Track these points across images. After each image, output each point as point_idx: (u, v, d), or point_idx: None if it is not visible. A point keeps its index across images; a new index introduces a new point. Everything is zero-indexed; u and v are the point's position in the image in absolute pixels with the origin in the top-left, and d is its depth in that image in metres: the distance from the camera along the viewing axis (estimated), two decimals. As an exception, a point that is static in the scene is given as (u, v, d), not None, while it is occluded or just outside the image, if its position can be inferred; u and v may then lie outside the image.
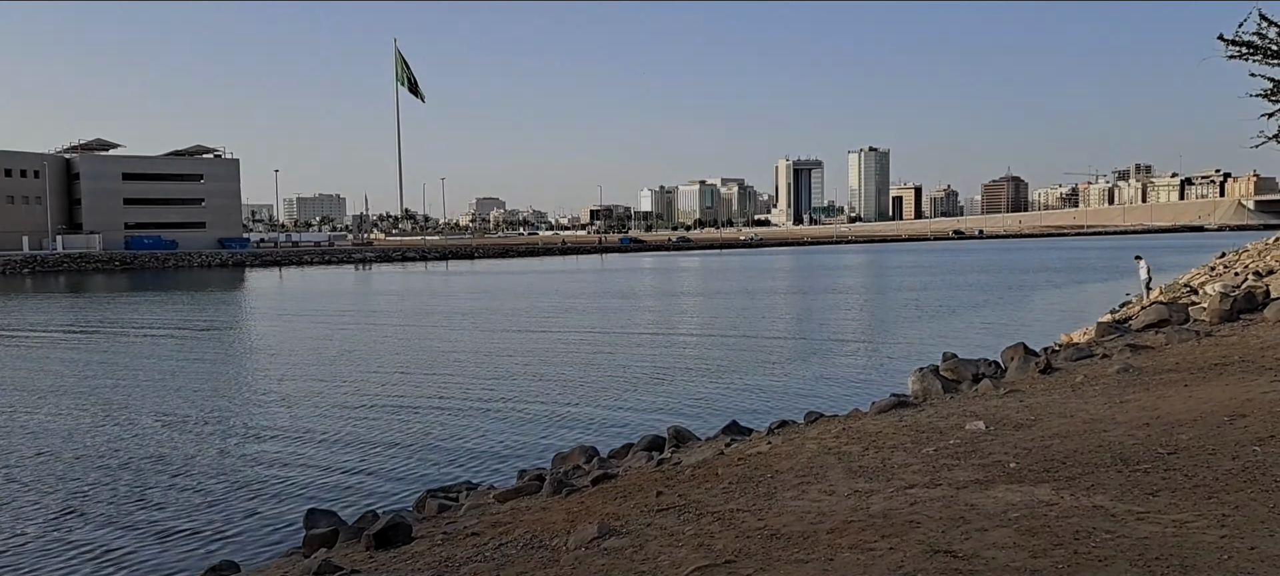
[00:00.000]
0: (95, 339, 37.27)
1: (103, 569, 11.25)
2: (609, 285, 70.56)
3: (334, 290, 70.35)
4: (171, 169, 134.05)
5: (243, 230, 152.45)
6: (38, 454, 17.12)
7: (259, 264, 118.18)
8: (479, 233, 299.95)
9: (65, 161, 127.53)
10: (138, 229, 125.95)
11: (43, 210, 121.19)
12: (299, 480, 15.18)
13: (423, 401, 21.90)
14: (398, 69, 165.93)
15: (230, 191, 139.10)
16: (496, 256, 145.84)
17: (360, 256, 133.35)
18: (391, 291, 69.48)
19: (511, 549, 7.69)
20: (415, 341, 34.99)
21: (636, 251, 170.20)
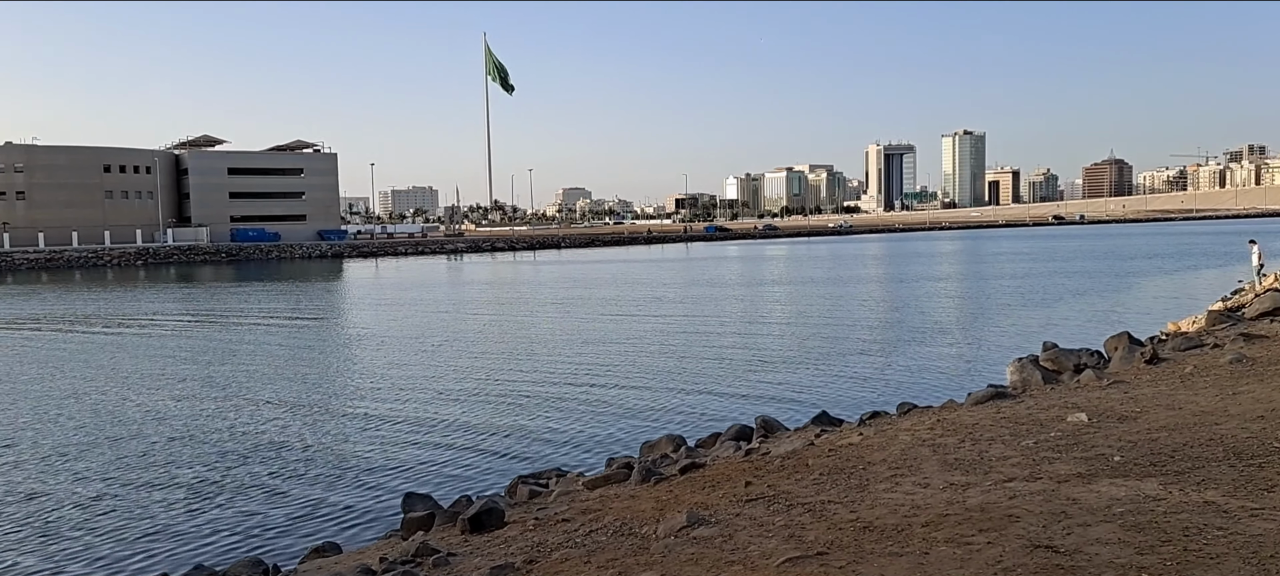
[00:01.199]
0: (206, 328, 38.88)
1: (213, 546, 11.75)
2: (694, 274, 70.47)
3: (427, 280, 71.93)
4: (274, 164, 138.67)
5: (341, 222, 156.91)
6: (156, 437, 17.96)
7: (356, 255, 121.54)
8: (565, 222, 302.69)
9: (174, 158, 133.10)
10: (242, 222, 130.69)
11: (154, 204, 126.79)
12: (396, 464, 15.61)
13: (513, 388, 22.25)
14: (488, 63, 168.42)
15: (329, 185, 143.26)
16: (582, 246, 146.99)
17: (452, 247, 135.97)
18: (482, 281, 70.72)
19: (602, 536, 7.76)
20: (505, 330, 35.55)
21: (722, 240, 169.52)
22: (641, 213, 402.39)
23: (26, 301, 55.81)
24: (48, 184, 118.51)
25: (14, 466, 15.89)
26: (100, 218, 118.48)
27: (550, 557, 7.24)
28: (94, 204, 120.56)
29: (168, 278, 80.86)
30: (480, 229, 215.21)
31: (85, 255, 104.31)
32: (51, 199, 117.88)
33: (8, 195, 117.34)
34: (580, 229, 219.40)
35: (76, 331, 37.83)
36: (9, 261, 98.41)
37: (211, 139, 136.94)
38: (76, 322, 41.33)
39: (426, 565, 7.75)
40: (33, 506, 13.60)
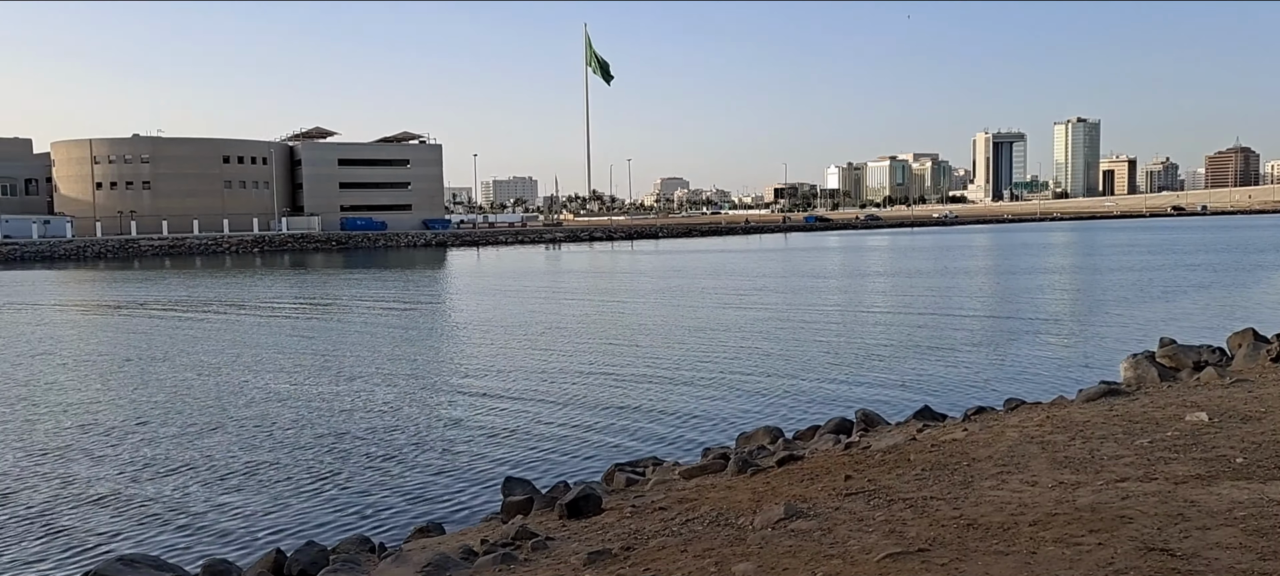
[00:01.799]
0: (319, 313, 40.36)
1: (323, 522, 12.21)
2: (793, 264, 69.77)
3: (527, 269, 73.07)
4: (382, 154, 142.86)
5: (444, 212, 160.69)
6: (272, 417, 18.75)
7: (459, 243, 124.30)
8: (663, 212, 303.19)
9: (289, 149, 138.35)
10: (352, 211, 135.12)
11: (270, 194, 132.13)
12: (497, 449, 15.93)
13: (610, 376, 22.44)
14: (588, 53, 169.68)
15: (434, 175, 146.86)
16: (680, 236, 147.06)
17: (551, 236, 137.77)
18: (580, 270, 71.48)
19: (698, 525, 7.77)
20: (602, 318, 35.86)
21: (822, 230, 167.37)
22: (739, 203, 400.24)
23: (153, 286, 58.87)
24: (171, 174, 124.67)
25: (147, 443, 16.80)
26: (220, 206, 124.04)
27: (647, 545, 7.28)
28: (214, 193, 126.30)
29: (282, 265, 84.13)
30: (578, 219, 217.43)
31: (205, 242, 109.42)
32: (175, 188, 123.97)
33: (135, 185, 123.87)
34: (678, 219, 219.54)
35: (199, 315, 39.72)
36: (136, 248, 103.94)
37: (323, 131, 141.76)
38: (199, 307, 43.40)
39: (525, 548, 7.89)
40: (163, 483, 14.36)
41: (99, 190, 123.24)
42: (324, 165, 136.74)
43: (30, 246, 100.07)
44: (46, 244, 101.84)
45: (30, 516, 12.68)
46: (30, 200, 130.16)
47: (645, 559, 6.89)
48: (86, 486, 14.05)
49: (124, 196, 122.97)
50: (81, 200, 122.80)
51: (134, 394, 21.54)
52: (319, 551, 9.53)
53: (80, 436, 17.27)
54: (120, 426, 18.08)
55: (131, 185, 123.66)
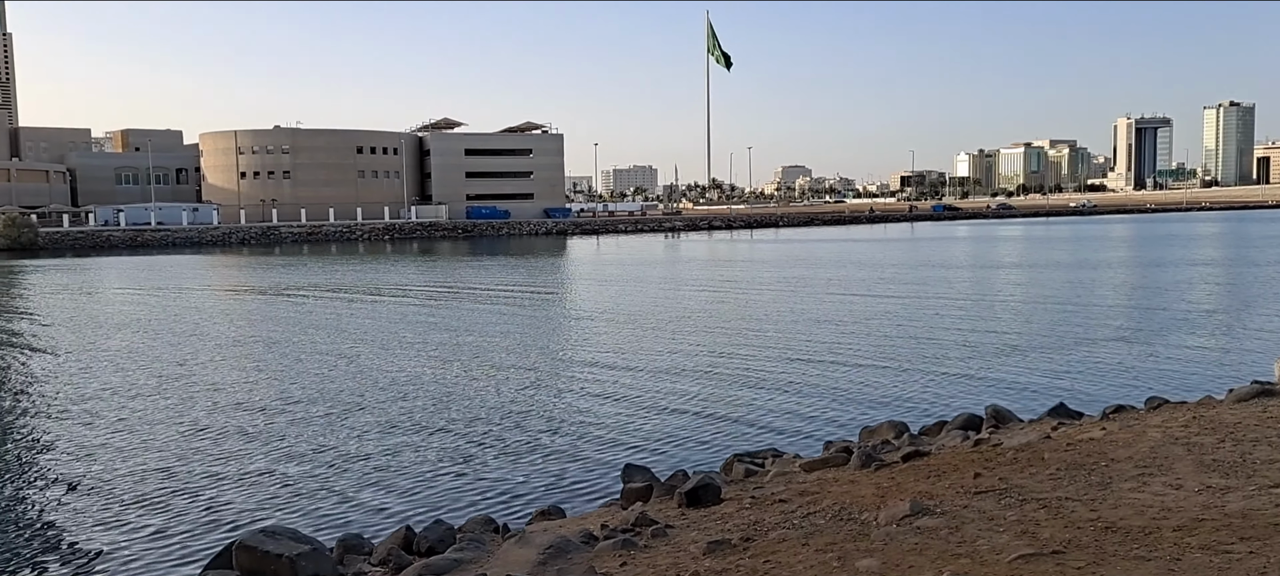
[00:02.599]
0: (446, 299, 41.61)
1: (449, 502, 12.59)
2: (920, 254, 67.98)
3: (646, 258, 73.49)
4: (506, 144, 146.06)
5: (565, 201, 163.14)
6: (402, 399, 19.44)
7: (579, 232, 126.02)
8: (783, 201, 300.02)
9: (418, 139, 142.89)
10: (477, 200, 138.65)
11: (400, 183, 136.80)
12: (616, 435, 16.09)
13: (730, 366, 22.36)
14: (710, 41, 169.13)
15: (555, 164, 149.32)
16: (801, 225, 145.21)
17: (669, 225, 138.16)
18: (699, 259, 71.42)
19: (819, 519, 7.67)
20: (721, 307, 35.75)
21: (950, 220, 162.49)
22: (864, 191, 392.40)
23: (293, 272, 61.82)
24: (309, 165, 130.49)
25: (292, 422, 17.68)
26: (354, 195, 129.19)
27: (767, 537, 7.23)
28: (348, 183, 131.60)
29: (411, 251, 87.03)
30: (698, 207, 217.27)
31: (340, 230, 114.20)
32: (312, 178, 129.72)
33: (276, 175, 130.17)
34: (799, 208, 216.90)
35: (338, 300, 41.50)
36: (276, 235, 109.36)
37: (451, 121, 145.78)
38: (338, 292, 45.34)
39: (645, 535, 7.95)
40: (304, 459, 15.08)
41: (243, 179, 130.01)
42: (451, 155, 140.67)
43: (180, 233, 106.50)
44: (195, 231, 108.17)
45: (185, 487, 13.51)
46: (181, 189, 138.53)
47: (765, 550, 6.84)
48: (236, 461, 14.88)
49: (266, 185, 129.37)
50: (227, 189, 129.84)
51: (279, 375, 22.68)
52: (446, 530, 9.83)
53: (232, 415, 18.30)
54: (267, 406, 19.07)
55: (273, 175, 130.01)
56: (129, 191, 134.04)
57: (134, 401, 19.55)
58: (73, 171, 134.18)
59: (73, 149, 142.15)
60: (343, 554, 9.40)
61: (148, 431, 16.88)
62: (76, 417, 18.11)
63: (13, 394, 21.05)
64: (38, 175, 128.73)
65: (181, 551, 11.01)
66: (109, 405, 19.18)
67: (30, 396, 20.59)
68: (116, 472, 14.27)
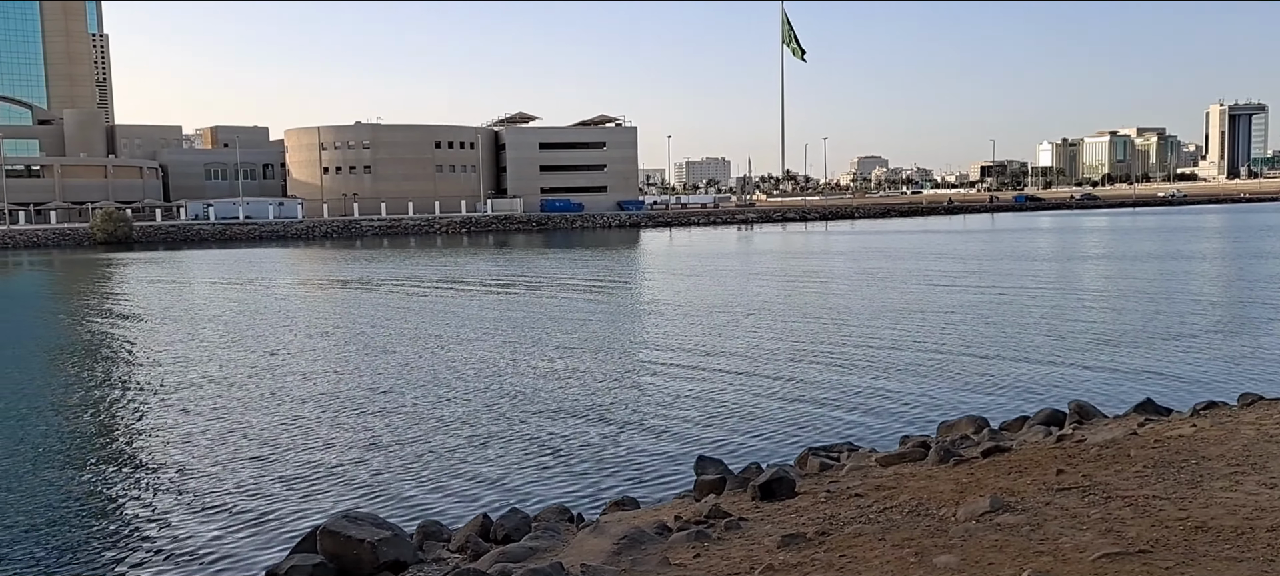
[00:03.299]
0: (523, 290, 42.10)
1: (525, 491, 12.77)
2: (1001, 246, 66.43)
3: (719, 250, 73.27)
4: (579, 138, 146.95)
5: (638, 193, 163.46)
6: (480, 389, 19.77)
7: (651, 225, 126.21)
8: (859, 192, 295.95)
9: (494, 134, 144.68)
10: (551, 193, 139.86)
11: (476, 177, 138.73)
12: (689, 427, 16.12)
13: (804, 359, 22.19)
14: (784, 31, 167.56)
15: (628, 157, 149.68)
16: (877, 216, 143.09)
17: (743, 217, 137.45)
18: (773, 251, 70.93)
19: (896, 514, 7.58)
20: (796, 300, 35.46)
21: (1032, 210, 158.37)
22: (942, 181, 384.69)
23: (376, 264, 63.23)
24: (389, 159, 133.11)
25: (375, 412, 18.13)
26: (431, 189, 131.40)
27: (843, 531, 7.17)
28: (427, 177, 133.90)
29: (487, 244, 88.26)
30: (771, 199, 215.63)
31: (419, 223, 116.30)
32: (392, 172, 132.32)
33: (357, 169, 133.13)
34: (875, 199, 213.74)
35: (419, 292, 42.33)
36: (357, 228, 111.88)
37: (526, 116, 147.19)
38: (419, 284, 46.25)
39: (718, 527, 7.95)
40: (387, 447, 15.47)
41: (326, 174, 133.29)
42: (526, 149, 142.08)
43: (266, 227, 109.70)
44: (280, 224, 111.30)
45: (275, 473, 13.97)
46: (267, 184, 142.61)
47: (841, 545, 6.79)
48: (322, 449, 15.33)
49: (347, 180, 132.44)
50: (310, 184, 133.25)
51: (363, 366, 23.25)
52: (522, 518, 9.98)
53: (319, 404, 18.84)
54: (352, 395, 19.58)
55: (354, 170, 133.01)
56: (217, 186, 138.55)
57: (229, 390, 20.26)
58: (165, 167, 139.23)
59: (165, 146, 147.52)
60: (422, 540, 9.61)
61: (241, 418, 17.48)
62: (176, 404, 18.85)
63: (118, 382, 21.99)
64: (132, 171, 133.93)
65: (270, 533, 11.40)
66: (206, 393, 19.92)
67: (134, 384, 21.49)
68: (212, 457, 14.83)
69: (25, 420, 17.95)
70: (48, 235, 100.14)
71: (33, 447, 15.86)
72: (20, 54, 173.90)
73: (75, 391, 20.96)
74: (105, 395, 20.34)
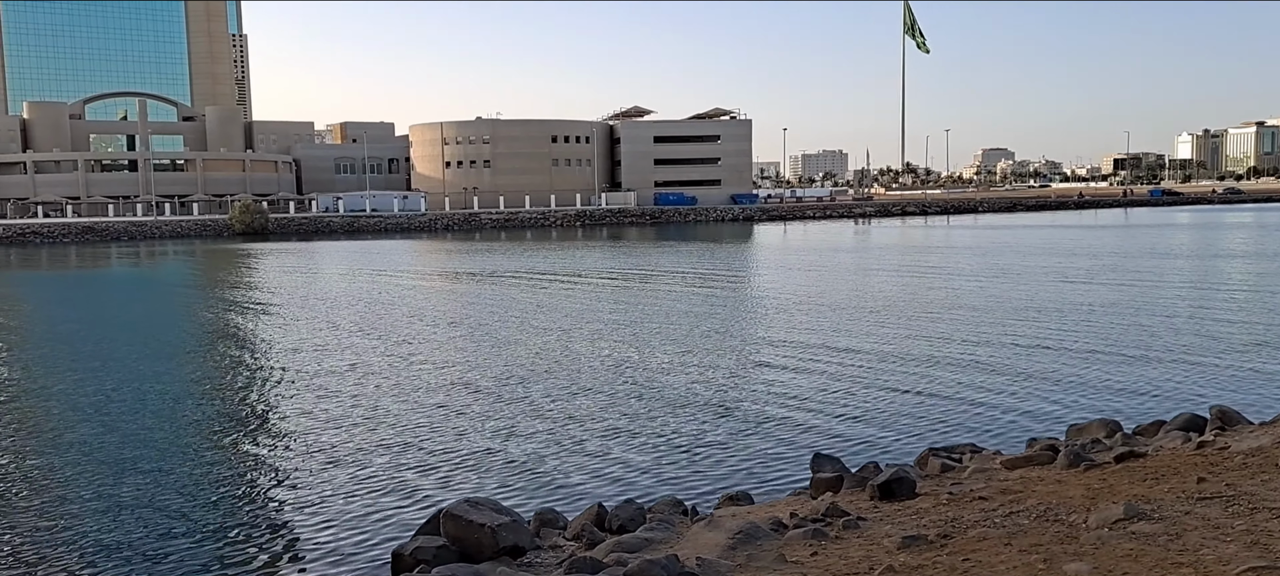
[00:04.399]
0: (639, 284, 42.42)
1: (638, 483, 12.88)
2: (1136, 242, 63.32)
3: (835, 244, 72.14)
4: (693, 131, 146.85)
5: (752, 187, 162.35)
6: (595, 379, 20.03)
7: (765, 218, 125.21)
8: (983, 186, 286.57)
9: (609, 128, 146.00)
10: (664, 187, 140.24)
11: (591, 171, 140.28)
12: (804, 423, 15.94)
13: (923, 356, 21.65)
14: (907, 21, 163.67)
15: (743, 150, 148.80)
16: (1002, 210, 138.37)
17: (860, 211, 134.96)
18: (891, 245, 69.41)
19: (1023, 518, 7.33)
20: (916, 296, 34.62)
21: (1169, 205, 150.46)
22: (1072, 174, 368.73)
23: (494, 257, 64.73)
24: (508, 154, 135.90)
25: (500, 401, 18.60)
26: (547, 183, 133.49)
27: (966, 534, 6.98)
28: (543, 171, 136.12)
29: (601, 237, 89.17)
30: (890, 193, 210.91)
31: (535, 216, 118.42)
32: (510, 166, 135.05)
33: (477, 164, 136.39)
34: (1000, 192, 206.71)
35: (536, 283, 43.16)
36: (477, 221, 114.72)
37: (641, 109, 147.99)
38: (540, 276, 47.14)
39: (836, 526, 7.85)
40: (508, 435, 15.84)
41: (448, 168, 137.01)
42: (640, 143, 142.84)
43: (391, 219, 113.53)
44: (404, 217, 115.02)
45: (403, 457, 14.49)
46: (392, 178, 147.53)
47: (964, 548, 6.62)
48: (447, 435, 15.82)
49: (468, 174, 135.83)
50: (433, 177, 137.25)
51: (485, 355, 23.86)
52: (636, 509, 10.06)
53: (446, 392, 19.46)
54: (475, 384, 20.14)
55: (474, 164, 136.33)
56: (346, 180, 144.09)
57: (363, 377, 21.08)
58: (298, 162, 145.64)
59: (298, 141, 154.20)
60: (539, 527, 9.81)
61: (373, 404, 18.18)
62: (314, 390, 19.72)
63: (261, 367, 23.19)
64: (268, 166, 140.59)
65: (398, 514, 11.85)
66: (342, 380, 20.77)
67: (275, 369, 22.62)
68: (347, 440, 15.49)
69: (178, 401, 19.10)
70: (190, 226, 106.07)
71: (183, 425, 16.87)
72: (166, 54, 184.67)
73: (221, 375, 22.20)
74: (249, 379, 21.48)
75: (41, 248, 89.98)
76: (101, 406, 18.37)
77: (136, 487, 13.14)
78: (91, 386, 20.46)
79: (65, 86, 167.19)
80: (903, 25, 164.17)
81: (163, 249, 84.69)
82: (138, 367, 22.81)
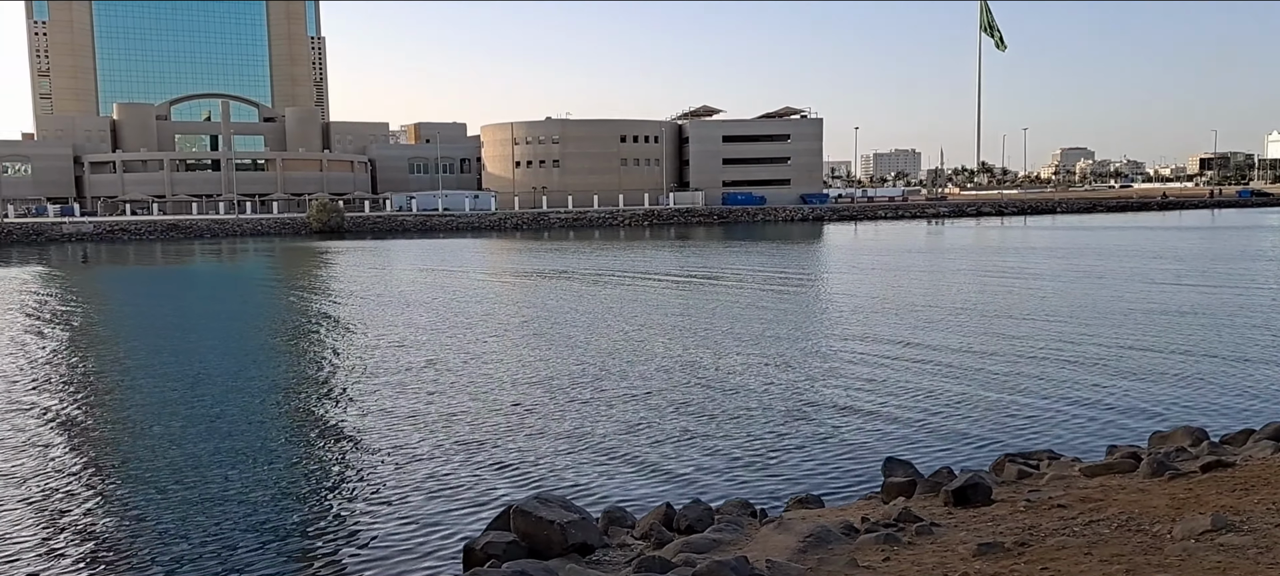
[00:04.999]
0: (708, 284, 42.34)
1: (707, 483, 12.85)
2: (1224, 245, 61.06)
3: (907, 245, 71.01)
4: (763, 130, 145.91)
5: (822, 186, 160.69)
6: (665, 378, 20.05)
7: (836, 218, 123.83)
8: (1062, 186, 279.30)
9: (677, 127, 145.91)
10: (733, 186, 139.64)
11: (659, 171, 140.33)
12: (874, 427, 15.73)
13: (999, 360, 21.19)
14: (983, 18, 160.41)
15: (813, 149, 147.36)
16: (1081, 211, 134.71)
17: (933, 211, 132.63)
18: (966, 246, 68.06)
19: (1103, 527, 7.13)
20: (992, 298, 33.89)
21: (1259, 206, 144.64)
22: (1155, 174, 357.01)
23: (564, 256, 65.22)
24: (576, 154, 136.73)
25: (574, 400, 18.74)
26: (616, 183, 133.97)
27: (1044, 543, 6.82)
28: (611, 170, 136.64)
29: (669, 237, 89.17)
30: (965, 193, 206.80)
31: (603, 216, 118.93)
32: (578, 166, 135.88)
33: (547, 164, 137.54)
34: (1079, 192, 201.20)
35: (605, 283, 43.36)
36: (545, 220, 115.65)
37: (710, 109, 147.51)
38: (605, 275, 47.37)
39: (909, 531, 7.73)
40: (575, 434, 15.96)
41: (517, 168, 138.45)
42: (709, 142, 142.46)
43: (463, 218, 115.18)
44: (475, 216, 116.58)
45: (477, 453, 14.71)
46: (464, 177, 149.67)
47: (1042, 557, 6.46)
48: (519, 432, 16.01)
49: (537, 173, 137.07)
50: (503, 177, 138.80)
51: (557, 354, 24.06)
52: (704, 510, 10.05)
53: (518, 389, 19.70)
54: (547, 381, 20.33)
55: (543, 163, 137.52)
56: (419, 180, 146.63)
57: (438, 373, 21.44)
58: (373, 162, 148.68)
59: (373, 141, 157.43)
60: (607, 525, 9.85)
61: (448, 400, 18.48)
62: (392, 386, 20.10)
63: (339, 362, 23.76)
64: (344, 165, 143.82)
65: (470, 510, 12.02)
66: (418, 376, 21.12)
67: (353, 364, 23.15)
68: (421, 436, 15.77)
69: (261, 395, 19.67)
70: (270, 224, 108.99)
71: (265, 419, 17.36)
72: (248, 57, 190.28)
73: (302, 370, 22.78)
74: (329, 375, 22.01)
75: (129, 244, 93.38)
76: (189, 400, 19.00)
77: (221, 479, 13.57)
78: (179, 381, 21.18)
79: (152, 88, 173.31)
80: (979, 23, 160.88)
81: (244, 246, 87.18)
82: (222, 363, 23.54)
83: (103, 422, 17.28)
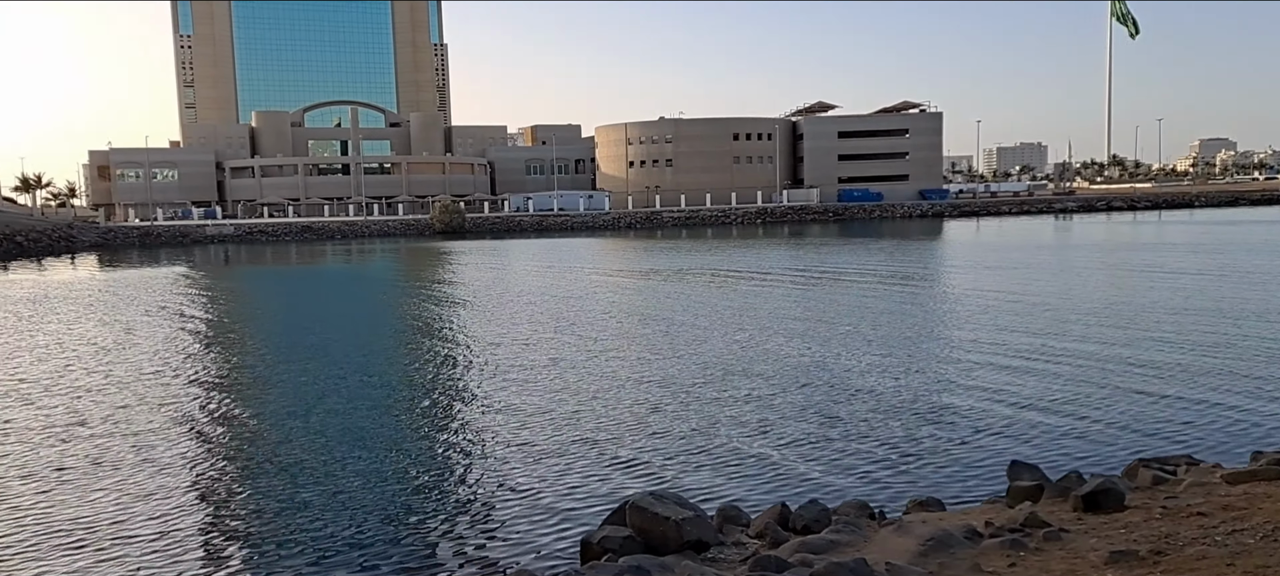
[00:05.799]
0: (819, 282, 41.84)
1: (823, 483, 12.73)
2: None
3: (1032, 242, 68.48)
4: (879, 126, 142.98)
5: (942, 182, 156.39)
6: (775, 378, 19.94)
7: (957, 214, 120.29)
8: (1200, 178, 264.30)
9: (791, 124, 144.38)
10: (848, 183, 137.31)
11: (773, 168, 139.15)
12: (998, 429, 15.28)
13: (1132, 361, 20.26)
14: (1116, 6, 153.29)
15: (932, 144, 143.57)
16: (1221, 205, 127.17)
17: (1060, 206, 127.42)
18: (1096, 243, 65.18)
19: (1247, 537, 6.78)
20: (1125, 298, 32.38)
21: None
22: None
23: (678, 255, 65.43)
24: (689, 153, 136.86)
25: (692, 397, 18.87)
26: (728, 181, 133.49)
27: (1182, 552, 6.53)
28: (724, 169, 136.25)
29: (781, 235, 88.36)
30: (1094, 187, 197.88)
31: (715, 214, 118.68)
32: (691, 165, 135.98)
33: (660, 163, 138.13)
34: (1219, 185, 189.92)
35: (720, 281, 43.37)
36: (659, 219, 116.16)
37: (824, 105, 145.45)
38: (720, 274, 47.36)
39: (1036, 537, 7.51)
40: (693, 432, 16.05)
41: (631, 168, 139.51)
42: (824, 139, 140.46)
43: (577, 218, 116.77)
44: (589, 216, 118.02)
45: (595, 448, 14.97)
46: (578, 178, 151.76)
47: (1179, 566, 6.19)
48: (638, 428, 16.24)
49: (650, 173, 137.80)
50: (617, 177, 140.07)
51: (675, 352, 24.22)
52: (821, 510, 9.97)
53: (637, 386, 19.96)
54: (665, 379, 20.52)
55: (656, 163, 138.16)
56: (536, 181, 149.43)
57: (562, 371, 21.84)
58: (492, 164, 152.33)
59: (492, 144, 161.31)
60: (722, 523, 9.89)
61: (569, 397, 18.83)
62: (515, 383, 20.60)
63: (465, 362, 24.52)
64: (465, 167, 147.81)
65: (588, 504, 12.24)
66: (540, 373, 21.57)
67: (478, 364, 23.86)
68: (543, 432, 16.15)
69: (390, 391, 20.48)
70: (395, 225, 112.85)
71: (394, 414, 18.06)
72: (375, 64, 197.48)
73: (429, 367, 23.60)
74: (455, 371, 22.76)
75: (267, 245, 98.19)
76: (323, 394, 19.91)
77: (355, 467, 14.20)
78: (314, 376, 22.21)
79: (287, 96, 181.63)
80: (1111, 12, 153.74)
81: (371, 247, 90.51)
82: (355, 359, 24.56)
83: (248, 415, 18.29)
